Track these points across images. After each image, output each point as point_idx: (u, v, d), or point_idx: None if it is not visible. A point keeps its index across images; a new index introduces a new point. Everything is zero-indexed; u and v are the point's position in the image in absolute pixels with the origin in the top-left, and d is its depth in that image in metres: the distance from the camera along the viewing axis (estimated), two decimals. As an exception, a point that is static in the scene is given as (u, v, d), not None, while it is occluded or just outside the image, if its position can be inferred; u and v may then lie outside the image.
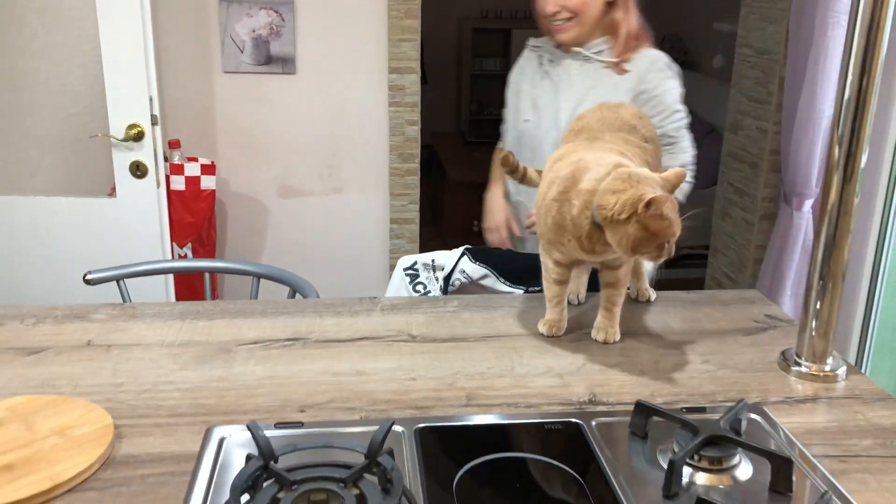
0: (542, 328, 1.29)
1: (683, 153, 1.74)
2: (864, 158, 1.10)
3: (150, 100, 2.07)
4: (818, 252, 1.15)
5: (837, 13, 2.23)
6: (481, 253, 1.70)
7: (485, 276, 1.69)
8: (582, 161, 1.18)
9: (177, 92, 2.43)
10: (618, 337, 1.26)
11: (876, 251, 2.55)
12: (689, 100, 1.75)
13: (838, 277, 1.15)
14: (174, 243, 2.27)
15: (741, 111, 2.71)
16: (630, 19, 1.73)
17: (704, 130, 3.88)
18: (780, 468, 0.88)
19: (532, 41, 1.91)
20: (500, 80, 6.63)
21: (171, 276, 2.24)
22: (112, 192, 2.16)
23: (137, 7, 2.01)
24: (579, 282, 1.43)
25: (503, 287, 1.68)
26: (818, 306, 1.16)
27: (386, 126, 2.60)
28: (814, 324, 1.17)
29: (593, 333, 1.27)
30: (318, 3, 2.47)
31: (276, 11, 2.43)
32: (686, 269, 3.26)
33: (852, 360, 2.66)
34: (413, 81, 2.56)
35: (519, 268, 1.69)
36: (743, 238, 2.74)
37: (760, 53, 2.60)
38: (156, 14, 2.07)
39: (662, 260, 1.12)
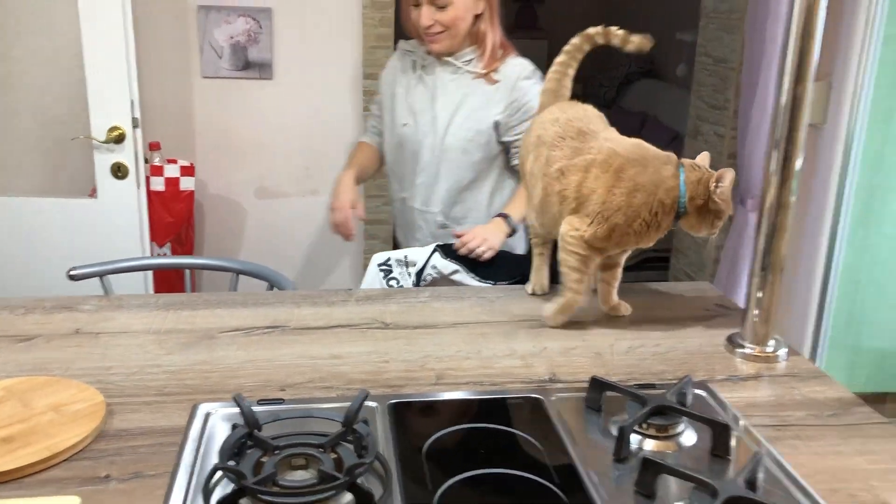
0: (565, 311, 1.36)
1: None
2: (798, 162, 1.19)
3: (132, 103, 2.14)
4: (759, 246, 1.25)
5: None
6: (453, 249, 1.79)
7: (455, 272, 1.77)
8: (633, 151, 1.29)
9: (157, 96, 2.49)
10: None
11: (828, 251, 2.68)
12: (654, 107, 1.86)
13: (777, 269, 1.24)
14: (154, 243, 2.33)
15: (700, 117, 2.83)
16: (495, 31, 1.85)
17: (669, 137, 4.00)
18: (719, 434, 0.97)
19: (403, 44, 1.98)
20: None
21: (150, 274, 2.30)
22: (93, 193, 2.22)
23: (119, 13, 2.07)
24: (542, 274, 1.52)
25: (472, 282, 1.76)
26: (759, 295, 1.26)
27: (361, 130, 2.68)
28: (756, 311, 1.27)
29: (620, 310, 1.40)
30: (295, 11, 2.54)
31: (254, 19, 2.50)
32: (648, 273, 3.37)
33: (807, 356, 2.77)
34: (387, 87, 2.64)
35: (489, 263, 1.78)
36: (701, 237, 2.85)
37: (718, 62, 2.72)
38: (137, 20, 2.14)
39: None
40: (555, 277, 1.48)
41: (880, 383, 2.86)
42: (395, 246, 2.14)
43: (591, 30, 1.42)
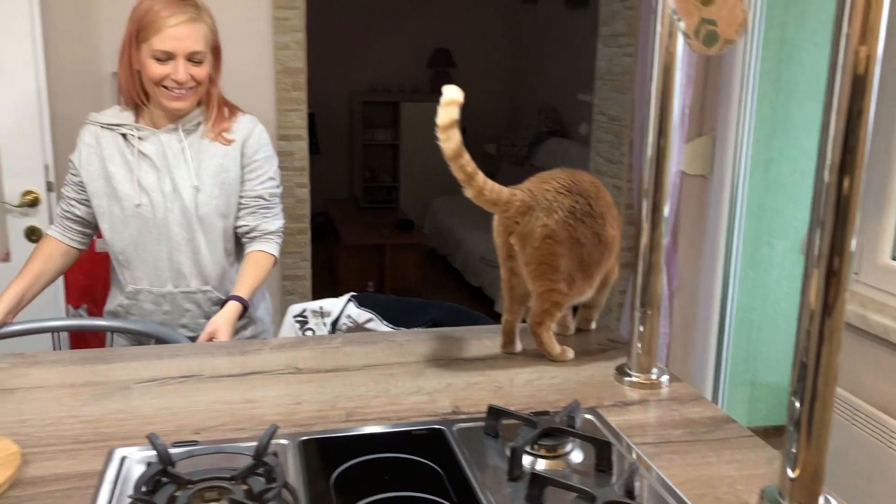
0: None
1: (277, 218, 1.91)
2: (666, 208, 1.33)
3: (46, 167, 2.16)
4: (637, 284, 1.38)
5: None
6: (366, 298, 1.87)
7: (369, 320, 1.86)
8: None
9: (71, 160, 2.52)
10: None
11: (722, 294, 2.87)
12: (563, 163, 1.96)
13: (654, 304, 1.37)
14: (69, 304, 2.32)
15: (599, 171, 3.03)
16: (219, 90, 1.85)
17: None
18: (602, 450, 1.07)
19: (97, 117, 1.82)
20: (391, 149, 6.90)
21: (66, 334, 2.29)
22: (6, 257, 2.21)
23: (33, 80, 2.12)
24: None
25: (386, 329, 1.84)
26: (641, 329, 1.38)
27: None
28: (639, 343, 1.39)
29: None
30: (210, 76, 2.62)
31: (169, 84, 2.57)
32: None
33: (708, 395, 2.94)
34: (301, 148, 2.74)
35: (401, 311, 1.87)
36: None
37: (612, 120, 2.93)
38: (51, 86, 2.18)
39: None
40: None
41: (780, 416, 3.05)
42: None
43: None
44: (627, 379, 1.38)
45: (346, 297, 1.89)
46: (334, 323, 1.85)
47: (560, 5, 5.64)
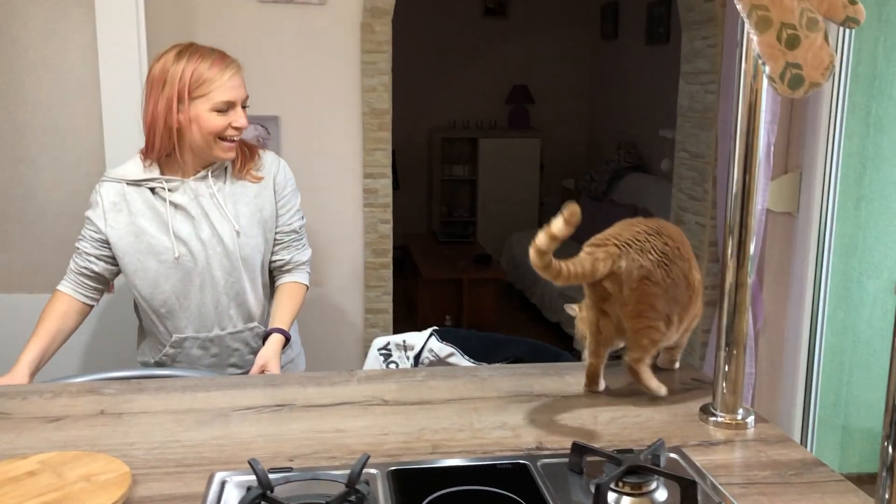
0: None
1: (306, 249, 1.98)
2: (751, 246, 1.33)
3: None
4: (722, 324, 1.37)
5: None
6: (448, 332, 1.91)
7: (451, 355, 1.89)
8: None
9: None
10: None
11: (810, 334, 2.79)
12: (643, 199, 2.00)
13: (740, 344, 1.36)
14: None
15: (682, 208, 3.01)
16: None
17: (658, 227, 4.18)
18: (687, 489, 1.07)
19: (121, 174, 1.81)
20: (469, 184, 6.95)
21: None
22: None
23: (138, 124, 2.27)
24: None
25: (467, 363, 1.88)
26: (726, 368, 1.38)
27: (361, 225, 2.85)
28: (723, 383, 1.38)
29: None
30: (301, 118, 2.75)
31: (263, 126, 2.71)
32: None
33: (797, 438, 2.85)
34: (385, 185, 2.83)
35: (482, 346, 1.90)
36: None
37: (695, 157, 2.91)
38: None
39: None
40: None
41: (874, 463, 2.92)
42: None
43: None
44: (712, 419, 1.37)
45: (429, 331, 1.93)
46: (417, 356, 1.90)
47: (640, 41, 5.65)
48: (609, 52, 6.43)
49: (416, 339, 1.91)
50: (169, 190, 1.79)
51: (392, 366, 1.89)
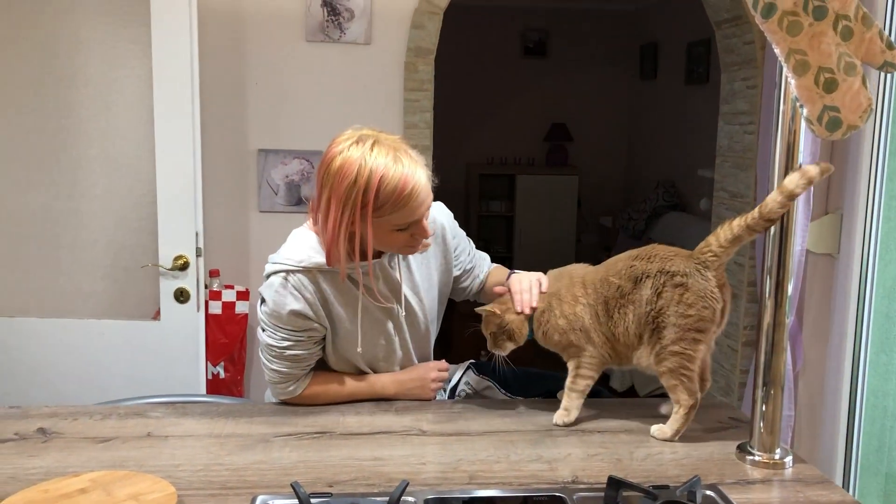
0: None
1: (484, 260, 1.98)
2: (790, 287, 1.34)
3: (196, 234, 2.37)
4: (760, 363, 1.37)
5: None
6: (485, 366, 1.93)
7: (487, 388, 1.91)
8: None
9: (219, 227, 2.75)
10: None
11: (852, 378, 2.75)
12: (681, 238, 2.00)
13: (777, 384, 1.36)
14: (209, 362, 2.50)
15: (721, 247, 3.00)
16: None
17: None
18: (724, 526, 1.08)
19: (311, 262, 1.63)
20: (506, 221, 6.95)
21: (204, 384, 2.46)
22: (156, 316, 2.42)
23: (190, 155, 2.35)
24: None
25: (503, 398, 1.89)
26: (763, 407, 1.38)
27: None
28: (761, 423, 1.38)
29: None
30: (344, 152, 2.81)
31: (307, 160, 2.78)
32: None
33: (839, 483, 2.79)
34: (425, 220, 2.87)
35: (518, 380, 1.91)
36: (729, 364, 2.95)
37: (734, 196, 2.91)
38: (205, 160, 2.41)
39: None
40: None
41: (920, 512, 2.85)
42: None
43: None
44: (749, 457, 1.37)
45: (466, 364, 1.95)
46: (453, 388, 1.91)
47: (679, 81, 5.67)
48: (648, 91, 6.45)
49: (452, 371, 1.93)
50: (364, 274, 1.63)
51: (429, 398, 1.90)
